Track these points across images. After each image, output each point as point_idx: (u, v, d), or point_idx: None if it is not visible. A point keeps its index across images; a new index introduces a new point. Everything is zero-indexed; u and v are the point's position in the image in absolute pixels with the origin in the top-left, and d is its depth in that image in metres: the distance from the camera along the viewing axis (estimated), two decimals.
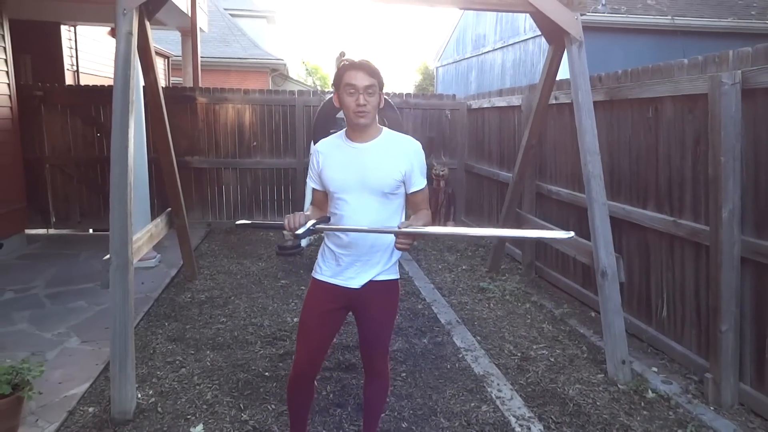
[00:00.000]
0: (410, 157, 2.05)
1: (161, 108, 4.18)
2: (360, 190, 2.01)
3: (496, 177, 6.11)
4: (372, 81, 1.97)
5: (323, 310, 2.10)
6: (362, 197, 2.02)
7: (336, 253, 2.10)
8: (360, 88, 1.95)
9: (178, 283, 4.74)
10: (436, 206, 6.97)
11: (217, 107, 6.90)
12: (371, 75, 1.97)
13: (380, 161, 2.01)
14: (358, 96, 1.95)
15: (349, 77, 1.97)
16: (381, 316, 2.15)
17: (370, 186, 2.01)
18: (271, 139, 7.04)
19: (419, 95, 7.59)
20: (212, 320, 3.91)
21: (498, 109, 6.13)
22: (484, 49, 12.99)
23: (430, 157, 7.10)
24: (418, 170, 2.08)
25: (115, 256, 2.85)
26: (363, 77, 1.96)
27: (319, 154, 2.09)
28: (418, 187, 2.10)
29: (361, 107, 1.96)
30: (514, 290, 4.61)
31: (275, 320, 3.92)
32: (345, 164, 2.02)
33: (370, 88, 1.96)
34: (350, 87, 1.96)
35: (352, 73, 1.97)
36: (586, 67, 3.51)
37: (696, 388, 3.05)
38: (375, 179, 2.00)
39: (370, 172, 2.00)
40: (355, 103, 1.96)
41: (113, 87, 3.07)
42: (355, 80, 1.96)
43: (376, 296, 2.11)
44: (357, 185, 2.01)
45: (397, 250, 2.14)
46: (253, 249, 5.92)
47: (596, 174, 3.38)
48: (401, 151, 2.05)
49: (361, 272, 2.08)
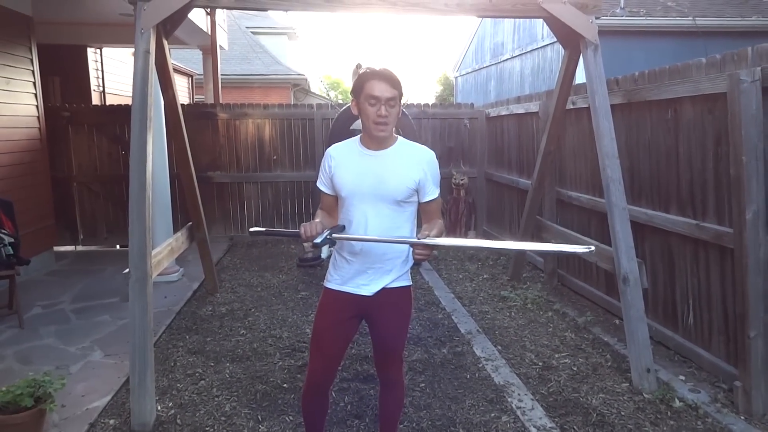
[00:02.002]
0: (424, 166, 2.04)
1: (180, 125, 4.27)
2: (373, 196, 2.01)
3: (515, 185, 6.06)
4: (394, 93, 1.95)
5: (336, 319, 2.10)
6: (375, 204, 2.02)
7: (348, 260, 2.10)
8: (382, 100, 1.94)
9: (200, 296, 4.80)
10: (457, 216, 6.94)
11: (237, 122, 7.02)
12: (394, 86, 1.96)
13: (394, 169, 2.01)
14: (380, 107, 1.94)
15: (372, 87, 1.94)
16: (394, 324, 2.14)
17: (384, 193, 2.00)
18: (291, 152, 7.12)
19: (437, 105, 7.59)
20: (232, 332, 3.94)
21: (516, 116, 6.09)
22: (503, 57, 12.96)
23: (449, 166, 7.09)
24: (432, 179, 2.07)
25: (134, 270, 2.90)
26: (386, 89, 1.94)
27: (332, 158, 2.09)
28: (431, 197, 2.09)
29: (382, 119, 1.95)
30: (536, 298, 4.55)
31: (294, 332, 3.94)
32: (358, 170, 2.03)
33: (392, 100, 1.95)
34: (372, 98, 1.94)
35: (375, 84, 1.94)
36: (602, 70, 3.47)
37: (725, 396, 2.94)
38: (388, 187, 2.00)
39: (384, 180, 2.00)
40: (377, 113, 1.94)
41: (132, 104, 3.15)
42: (378, 91, 1.94)
43: (389, 304, 2.10)
44: (370, 192, 2.01)
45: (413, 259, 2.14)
46: (274, 262, 5.97)
47: (615, 178, 3.32)
48: (415, 159, 2.04)
49: (374, 280, 2.07)
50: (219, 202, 7.04)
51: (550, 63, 10.49)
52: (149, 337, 2.84)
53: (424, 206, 2.10)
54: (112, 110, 7.09)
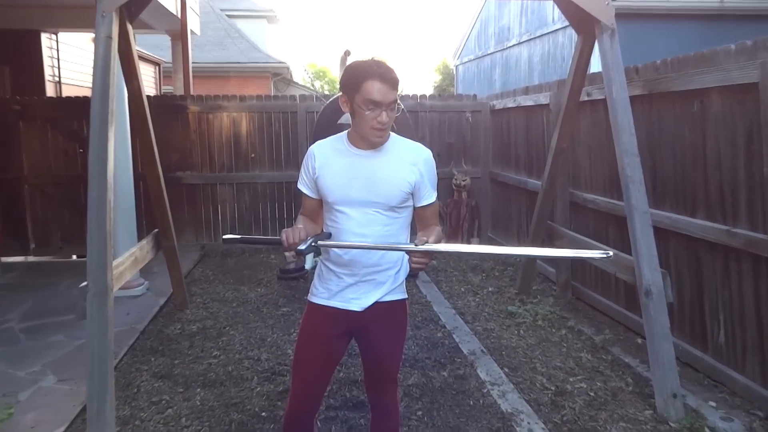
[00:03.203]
0: (420, 166, 2.03)
1: (146, 119, 4.25)
2: (363, 202, 2.00)
3: (524, 186, 6.08)
4: (395, 95, 1.93)
5: (322, 337, 2.08)
6: (365, 210, 2.01)
7: (335, 272, 2.09)
8: (384, 105, 1.90)
9: (167, 312, 4.77)
10: (458, 221, 6.95)
11: (210, 116, 7.00)
12: (395, 87, 1.92)
13: (387, 170, 2.00)
14: (380, 113, 1.91)
15: (371, 90, 1.89)
16: (388, 343, 2.13)
17: (375, 198, 1.99)
18: (271, 149, 7.11)
19: (435, 96, 7.61)
20: (204, 354, 3.92)
21: (524, 108, 6.11)
22: (509, 43, 13.03)
23: (450, 165, 7.10)
24: (429, 181, 2.06)
25: (92, 283, 2.87)
26: (387, 91, 1.90)
27: (316, 157, 2.07)
28: (427, 201, 2.08)
29: (382, 125, 1.93)
30: (548, 314, 4.55)
31: (274, 353, 3.91)
32: (346, 172, 2.01)
33: (394, 102, 1.93)
34: (371, 104, 1.89)
35: (374, 85, 1.88)
36: (620, 57, 3.49)
37: (761, 425, 2.94)
38: (381, 190, 1.99)
39: (376, 183, 1.99)
40: (377, 120, 1.91)
41: (91, 96, 3.13)
42: (380, 95, 1.89)
43: (382, 320, 2.09)
44: (360, 197, 2.00)
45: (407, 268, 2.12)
46: (251, 274, 5.95)
47: (636, 178, 3.33)
48: (410, 159, 2.03)
49: (365, 293, 2.07)
50: (189, 206, 7.01)
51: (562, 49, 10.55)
52: (109, 359, 2.81)
53: (420, 211, 2.10)
54: (69, 103, 7.04)
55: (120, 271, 3.43)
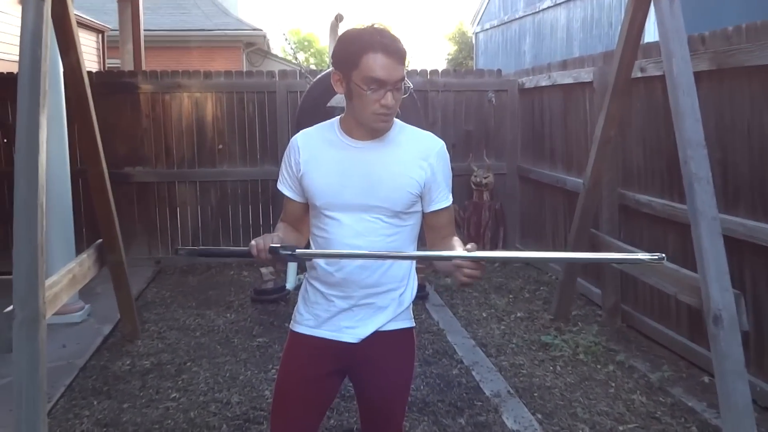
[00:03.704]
0: (432, 160, 2.04)
1: (87, 101, 4.26)
2: (360, 206, 2.00)
3: (561, 184, 6.09)
4: (403, 71, 1.93)
5: (308, 376, 2.09)
6: (363, 216, 2.01)
7: (324, 293, 2.09)
8: (389, 84, 1.90)
9: (114, 344, 4.77)
10: (479, 228, 6.98)
11: (167, 98, 7.03)
12: (402, 62, 1.92)
13: (390, 167, 2.00)
14: (385, 94, 1.91)
15: (373, 65, 1.88)
16: (391, 383, 2.14)
17: (376, 201, 2.00)
18: (243, 139, 7.13)
19: (450, 72, 7.64)
20: (159, 396, 3.92)
21: (562, 87, 6.13)
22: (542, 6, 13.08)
23: (468, 159, 7.12)
24: (443, 180, 2.07)
25: (19, 308, 2.88)
26: (394, 67, 1.89)
27: (300, 150, 2.08)
28: (441, 204, 2.08)
29: (388, 109, 1.93)
30: (591, 346, 4.55)
31: (248, 395, 3.92)
32: (339, 169, 2.02)
33: (401, 80, 1.92)
34: (374, 82, 1.89)
35: (378, 59, 1.88)
36: (682, 24, 3.50)
37: None
38: (382, 192, 1.99)
39: (376, 182, 1.99)
40: (381, 104, 1.91)
41: (18, 73, 3.14)
42: (384, 72, 1.88)
43: (383, 353, 2.09)
44: (356, 200, 2.00)
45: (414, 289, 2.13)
46: (219, 295, 5.95)
47: (702, 176, 3.33)
48: (420, 153, 2.04)
49: (362, 320, 2.07)
50: (141, 210, 7.03)
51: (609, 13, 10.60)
52: (41, 402, 2.81)
53: (432, 218, 2.10)
54: None
55: (54, 293, 3.43)
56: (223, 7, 17.99)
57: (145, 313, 5.42)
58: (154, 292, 6.09)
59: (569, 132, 6.04)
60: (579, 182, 5.17)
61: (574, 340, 4.65)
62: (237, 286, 6.22)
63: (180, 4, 17.40)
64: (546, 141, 6.57)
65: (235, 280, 6.49)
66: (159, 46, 14.82)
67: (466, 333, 4.96)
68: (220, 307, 5.61)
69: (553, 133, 6.39)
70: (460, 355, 4.52)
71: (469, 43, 23.17)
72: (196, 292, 6.06)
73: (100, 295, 5.53)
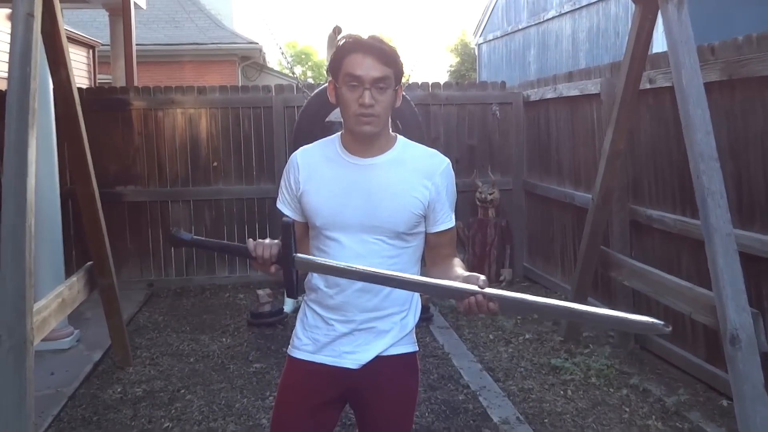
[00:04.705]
0: (437, 180, 2.04)
1: (77, 119, 4.27)
2: (361, 226, 2.01)
3: (570, 200, 6.09)
4: (385, 71, 1.95)
5: (307, 404, 2.08)
6: (364, 237, 2.02)
7: (324, 317, 2.09)
8: (366, 81, 1.93)
9: (104, 371, 4.76)
10: (484, 247, 6.96)
11: (160, 114, 7.06)
12: (385, 62, 1.95)
13: (393, 186, 2.01)
14: (362, 92, 1.94)
15: (352, 64, 1.94)
16: (394, 410, 2.13)
17: (377, 222, 2.00)
18: (239, 156, 7.15)
19: (452, 85, 7.66)
20: (152, 426, 3.90)
21: (568, 100, 6.15)
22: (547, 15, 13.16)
23: (472, 174, 7.13)
24: (447, 200, 2.07)
25: (6, 334, 2.87)
26: (372, 65, 1.94)
27: (299, 168, 2.09)
28: (445, 225, 2.09)
29: (366, 109, 1.94)
30: (604, 369, 4.53)
31: (244, 424, 3.91)
32: (339, 187, 2.03)
33: (381, 81, 1.94)
34: (352, 78, 1.94)
35: (356, 58, 1.94)
36: (690, 33, 3.52)
37: None
38: (385, 212, 2.00)
39: (378, 202, 2.00)
40: (358, 102, 1.94)
41: (7, 90, 3.16)
42: (361, 69, 1.93)
43: (386, 380, 2.09)
44: (357, 220, 2.01)
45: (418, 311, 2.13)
46: (214, 319, 5.94)
47: (714, 190, 3.34)
48: (424, 171, 2.04)
49: (363, 345, 2.07)
50: (133, 232, 7.03)
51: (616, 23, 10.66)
52: None
53: (435, 239, 2.10)
54: None
55: (43, 318, 3.42)
56: (218, 20, 18.09)
57: (137, 338, 5.41)
58: (147, 316, 6.08)
59: (576, 145, 6.05)
60: (588, 197, 5.17)
61: (585, 363, 4.63)
62: (232, 309, 6.21)
63: (173, 18, 17.50)
64: (553, 155, 6.58)
65: (231, 302, 6.48)
66: (151, 61, 14.93)
67: (472, 356, 4.94)
68: (215, 331, 5.61)
69: (560, 147, 6.40)
70: (467, 379, 4.50)
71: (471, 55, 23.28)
72: (190, 316, 6.05)
73: (90, 320, 5.52)
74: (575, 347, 5.01)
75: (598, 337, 5.28)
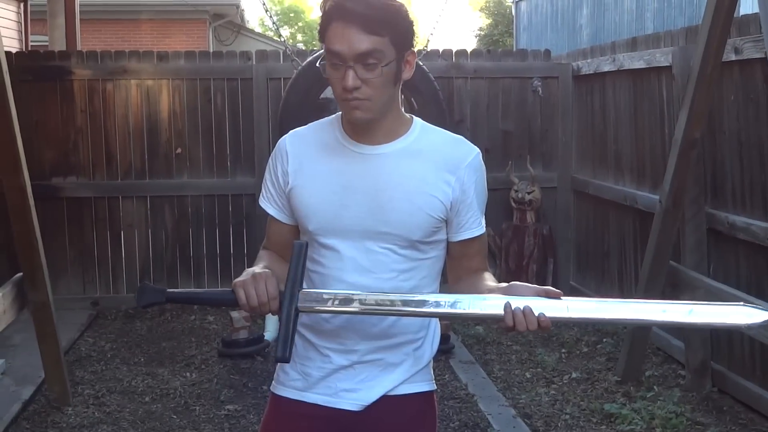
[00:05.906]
0: (462, 175, 2.03)
1: (5, 91, 4.30)
2: (365, 232, 2.01)
3: (631, 202, 6.08)
4: (375, 42, 1.89)
5: None
6: (369, 245, 2.01)
7: (317, 345, 2.09)
8: (349, 58, 1.89)
9: (36, 412, 4.77)
10: (521, 259, 6.95)
11: (110, 86, 7.07)
12: (372, 30, 1.88)
13: (407, 181, 2.00)
14: (345, 72, 1.90)
15: (331, 37, 1.91)
16: None
17: (386, 227, 1.99)
18: (210, 141, 7.16)
19: (482, 54, 7.66)
20: None
21: (630, 74, 6.15)
22: None
23: (506, 168, 7.13)
24: (476, 200, 2.06)
25: None
26: (354, 36, 1.87)
27: (288, 156, 2.09)
28: (472, 232, 2.07)
29: (350, 93, 1.91)
30: (672, 418, 4.52)
31: None
32: (338, 182, 2.03)
33: (369, 55, 1.89)
34: (332, 55, 1.91)
35: (336, 29, 1.90)
36: None
37: None
38: (395, 215, 1.99)
39: (387, 201, 1.99)
40: (341, 84, 1.91)
41: None
42: (341, 43, 1.89)
43: (394, 425, 2.10)
44: (359, 224, 2.01)
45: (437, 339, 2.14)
46: (175, 347, 5.95)
47: None
48: (446, 164, 2.03)
49: (366, 381, 2.07)
50: (74, 235, 7.04)
51: None
52: None
53: (458, 248, 2.09)
54: None
55: None
56: None
57: (78, 371, 5.41)
58: (90, 343, 6.09)
59: (640, 133, 6.03)
60: (654, 199, 5.17)
61: (648, 410, 4.62)
62: (199, 336, 6.21)
63: None
64: (609, 145, 6.56)
65: (197, 327, 6.47)
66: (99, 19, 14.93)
67: (503, 399, 4.93)
68: (177, 363, 5.60)
69: (619, 135, 6.38)
70: (496, 429, 4.50)
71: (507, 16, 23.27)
72: (146, 344, 6.05)
73: (18, 347, 5.54)
74: (635, 389, 5.00)
75: (665, 377, 5.27)
